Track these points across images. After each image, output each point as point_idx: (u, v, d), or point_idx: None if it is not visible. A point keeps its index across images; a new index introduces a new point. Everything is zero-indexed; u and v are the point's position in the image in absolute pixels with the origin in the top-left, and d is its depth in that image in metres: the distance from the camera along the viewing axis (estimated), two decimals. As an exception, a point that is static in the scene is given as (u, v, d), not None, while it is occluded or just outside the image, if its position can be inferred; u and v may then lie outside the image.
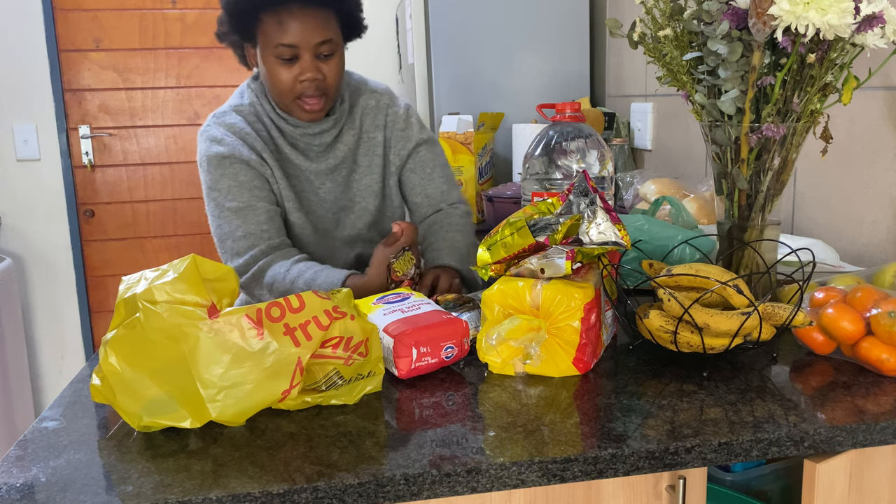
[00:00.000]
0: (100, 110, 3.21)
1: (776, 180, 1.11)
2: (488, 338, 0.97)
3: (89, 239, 3.27)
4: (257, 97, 1.44)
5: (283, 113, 1.43)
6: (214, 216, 1.39)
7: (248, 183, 1.38)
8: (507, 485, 0.76)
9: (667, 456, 0.78)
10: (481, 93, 2.49)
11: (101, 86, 3.19)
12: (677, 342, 0.98)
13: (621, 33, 1.16)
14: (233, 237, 1.37)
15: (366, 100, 1.52)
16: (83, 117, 3.19)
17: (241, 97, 1.46)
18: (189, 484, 0.73)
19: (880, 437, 0.83)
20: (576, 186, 1.02)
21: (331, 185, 1.48)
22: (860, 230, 1.42)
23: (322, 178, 1.47)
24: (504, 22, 2.47)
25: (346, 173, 1.49)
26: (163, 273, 0.86)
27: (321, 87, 1.36)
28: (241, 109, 1.43)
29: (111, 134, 3.23)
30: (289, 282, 1.34)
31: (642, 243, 1.27)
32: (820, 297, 1.02)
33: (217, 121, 1.42)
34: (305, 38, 1.32)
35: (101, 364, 0.84)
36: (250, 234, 1.37)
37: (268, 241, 1.38)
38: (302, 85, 1.35)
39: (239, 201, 1.37)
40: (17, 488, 0.74)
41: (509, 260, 1.01)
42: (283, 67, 1.34)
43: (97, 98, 3.19)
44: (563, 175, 1.20)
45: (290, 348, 0.85)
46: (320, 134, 1.45)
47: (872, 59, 1.11)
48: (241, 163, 1.37)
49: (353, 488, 0.73)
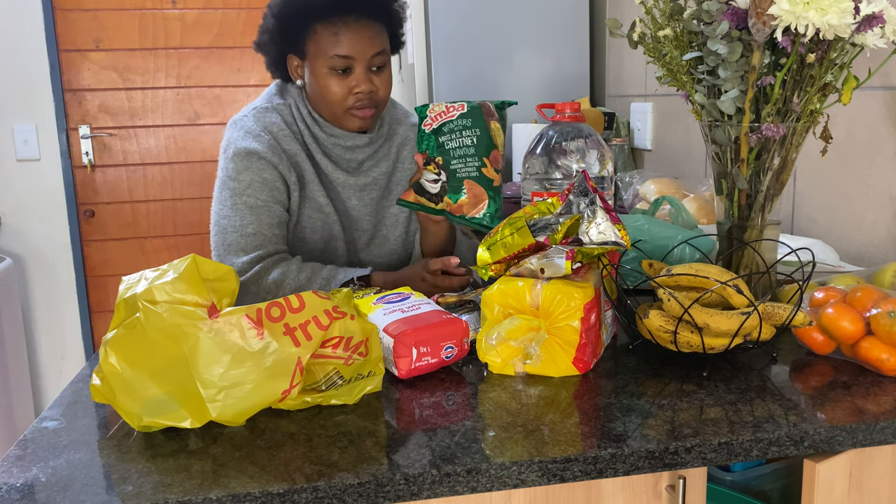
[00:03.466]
0: (100, 110, 3.21)
1: (776, 180, 1.11)
2: (488, 338, 0.97)
3: (89, 239, 3.27)
4: (294, 100, 1.43)
5: (320, 119, 1.41)
6: (225, 206, 1.36)
7: (271, 182, 1.36)
8: (507, 485, 0.76)
9: (667, 456, 0.78)
10: (481, 93, 2.49)
11: (101, 86, 3.19)
12: (677, 342, 0.98)
13: (621, 33, 1.16)
14: (241, 232, 1.35)
15: (405, 131, 1.51)
16: (83, 117, 3.19)
17: (281, 95, 1.44)
18: (189, 484, 0.73)
19: (880, 436, 0.83)
20: (576, 186, 1.02)
21: (357, 203, 1.46)
22: (860, 230, 1.42)
23: (349, 192, 1.45)
24: (504, 22, 2.47)
25: (377, 197, 1.48)
26: (163, 273, 0.86)
27: (374, 100, 1.36)
28: (280, 108, 1.41)
29: (111, 134, 3.23)
30: (304, 279, 1.32)
31: (642, 243, 1.27)
32: (820, 297, 1.02)
33: (256, 114, 1.40)
34: (361, 50, 1.33)
35: (101, 364, 0.84)
36: (261, 233, 1.35)
37: (276, 245, 1.37)
38: (355, 97, 1.35)
39: (258, 198, 1.35)
40: (17, 488, 0.74)
41: (509, 260, 1.01)
42: (336, 79, 1.34)
43: (97, 98, 3.20)
44: (562, 175, 1.20)
45: (290, 348, 0.85)
46: (352, 149, 1.44)
47: (872, 59, 1.11)
48: (270, 162, 1.36)
49: (353, 488, 0.73)
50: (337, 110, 1.37)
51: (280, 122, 1.40)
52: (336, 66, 1.33)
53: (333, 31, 1.32)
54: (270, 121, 1.39)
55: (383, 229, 1.49)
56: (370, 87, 1.35)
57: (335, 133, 1.42)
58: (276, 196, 1.37)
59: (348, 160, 1.44)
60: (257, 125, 1.38)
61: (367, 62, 1.34)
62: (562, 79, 2.53)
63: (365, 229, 1.48)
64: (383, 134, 1.48)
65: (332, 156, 1.44)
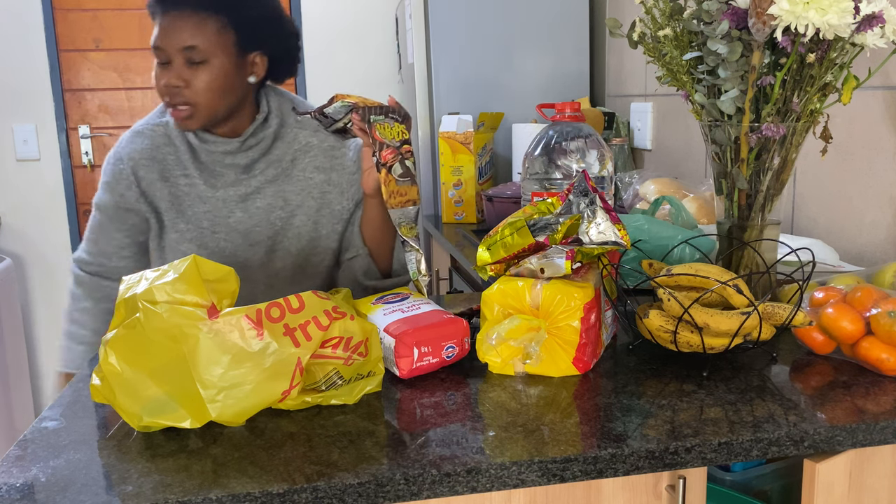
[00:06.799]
0: (100, 110, 3.21)
1: (776, 180, 1.11)
2: (488, 338, 0.97)
3: (89, 239, 3.27)
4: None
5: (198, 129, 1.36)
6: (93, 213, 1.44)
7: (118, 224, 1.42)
8: (507, 485, 0.76)
9: (667, 456, 0.78)
10: (481, 93, 2.49)
11: (100, 86, 3.19)
12: (677, 342, 0.98)
13: (621, 33, 1.16)
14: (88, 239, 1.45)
15: (305, 137, 1.40)
16: (83, 117, 3.20)
17: (163, 113, 1.41)
18: (189, 484, 0.73)
19: (880, 436, 0.83)
20: (575, 186, 1.02)
21: (242, 215, 1.37)
22: (860, 230, 1.42)
23: (231, 207, 1.37)
24: (504, 22, 2.47)
25: (265, 207, 1.38)
26: (163, 273, 0.86)
27: (182, 96, 1.27)
28: (155, 129, 1.38)
29: (111, 134, 3.23)
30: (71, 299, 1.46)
31: (642, 243, 1.27)
32: (820, 297, 1.02)
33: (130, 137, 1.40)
34: (169, 41, 1.26)
35: (101, 364, 0.84)
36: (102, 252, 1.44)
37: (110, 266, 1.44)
38: (164, 90, 1.28)
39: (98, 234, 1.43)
40: (17, 488, 0.74)
41: (509, 260, 1.01)
42: (160, 70, 1.28)
43: (97, 98, 3.20)
44: (562, 175, 1.21)
45: (290, 349, 0.85)
46: (224, 154, 1.35)
47: (872, 58, 1.11)
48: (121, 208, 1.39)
49: (353, 488, 0.73)
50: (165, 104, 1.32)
51: (147, 146, 1.37)
52: (158, 58, 1.28)
53: (157, 22, 1.29)
54: (134, 147, 1.38)
55: (284, 241, 1.39)
56: (177, 81, 1.26)
57: (207, 139, 1.35)
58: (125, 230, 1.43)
59: (229, 166, 1.37)
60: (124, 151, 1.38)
61: (181, 54, 1.26)
62: (562, 79, 2.53)
63: (258, 241, 1.38)
64: (268, 135, 1.37)
65: (214, 167, 1.37)
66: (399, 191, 1.16)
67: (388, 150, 1.15)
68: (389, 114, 1.17)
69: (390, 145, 1.15)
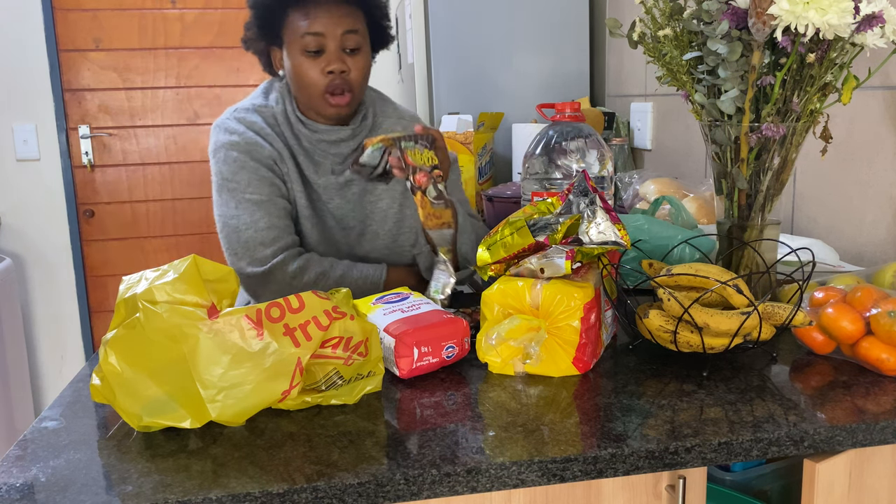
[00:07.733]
0: (100, 110, 3.21)
1: (776, 180, 1.11)
2: (488, 338, 0.97)
3: (89, 239, 3.27)
4: (282, 97, 1.42)
5: (304, 117, 1.40)
6: (229, 207, 1.35)
7: (268, 179, 1.36)
8: (507, 484, 0.76)
9: (666, 456, 0.78)
10: (481, 93, 2.49)
11: (100, 86, 3.19)
12: (677, 342, 0.98)
13: (621, 33, 1.16)
14: (255, 227, 1.34)
15: (392, 124, 1.49)
16: (83, 117, 3.20)
17: (266, 96, 1.44)
18: (189, 484, 0.73)
19: (880, 436, 0.83)
20: (575, 186, 1.02)
21: (340, 202, 1.44)
22: (860, 230, 1.42)
23: (331, 194, 1.43)
24: (504, 22, 2.47)
25: (359, 193, 1.45)
26: (163, 273, 0.86)
27: (347, 82, 1.34)
28: (262, 110, 1.41)
29: (111, 134, 3.23)
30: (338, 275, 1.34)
31: (642, 243, 1.27)
32: (820, 297, 1.02)
33: (237, 115, 1.40)
34: (331, 27, 1.32)
35: (101, 364, 0.84)
36: (274, 226, 1.35)
37: (291, 236, 1.37)
38: (328, 77, 1.33)
39: (260, 194, 1.35)
40: (17, 488, 0.74)
41: (509, 260, 1.01)
42: (309, 61, 1.33)
43: (97, 98, 3.20)
44: (562, 175, 1.21)
45: (290, 349, 0.85)
46: (337, 143, 1.42)
47: (872, 58, 1.11)
48: (260, 159, 1.36)
49: (353, 488, 0.73)
50: (313, 93, 1.35)
51: (261, 122, 1.39)
52: (307, 45, 1.32)
53: (304, 11, 1.32)
54: (251, 120, 1.39)
55: (372, 224, 1.47)
56: (342, 66, 1.33)
57: (318, 129, 1.40)
58: (277, 191, 1.37)
59: (333, 155, 1.42)
60: (238, 126, 1.38)
61: (338, 41, 1.32)
62: (562, 79, 2.53)
63: (351, 226, 1.46)
64: (367, 126, 1.45)
65: (314, 155, 1.42)
66: (435, 213, 1.21)
67: (421, 173, 1.20)
68: (419, 140, 1.23)
69: (422, 169, 1.21)
